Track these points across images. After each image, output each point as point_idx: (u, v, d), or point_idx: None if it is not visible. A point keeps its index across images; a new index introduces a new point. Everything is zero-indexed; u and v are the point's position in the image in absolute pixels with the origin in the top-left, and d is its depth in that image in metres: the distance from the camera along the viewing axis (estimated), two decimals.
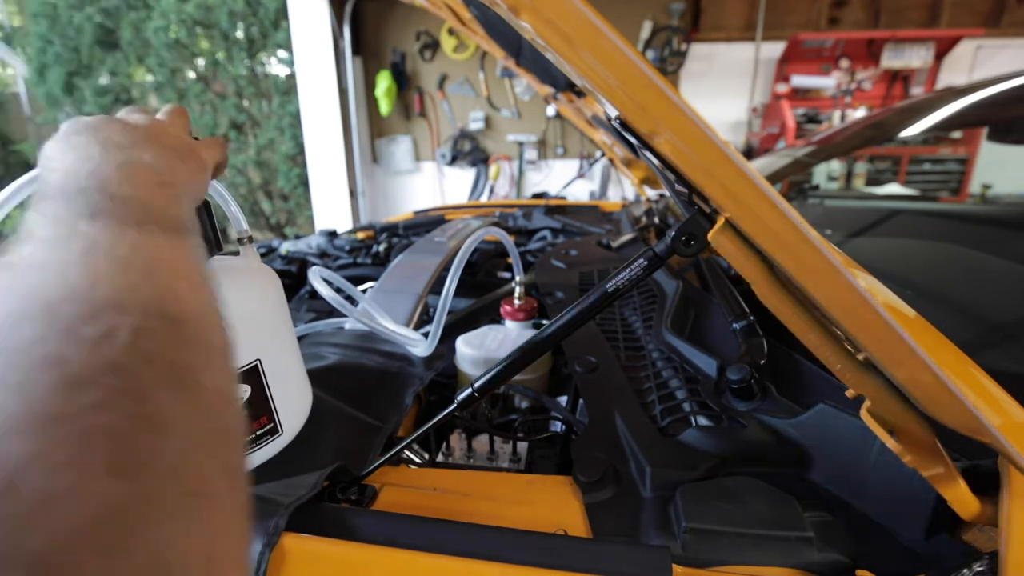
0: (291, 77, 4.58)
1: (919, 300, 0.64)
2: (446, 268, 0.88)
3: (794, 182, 1.31)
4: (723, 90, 4.22)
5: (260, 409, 0.44)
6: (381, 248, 1.14)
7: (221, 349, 0.21)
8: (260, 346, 0.43)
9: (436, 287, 0.79)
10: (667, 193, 1.25)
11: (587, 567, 0.33)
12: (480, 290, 0.94)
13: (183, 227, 0.25)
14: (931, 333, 0.33)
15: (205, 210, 0.41)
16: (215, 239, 0.42)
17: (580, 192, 4.42)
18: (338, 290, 0.63)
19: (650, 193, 1.42)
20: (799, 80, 3.92)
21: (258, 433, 0.44)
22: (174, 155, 0.29)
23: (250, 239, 0.48)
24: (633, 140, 0.35)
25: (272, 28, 4.51)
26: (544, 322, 0.71)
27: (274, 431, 0.45)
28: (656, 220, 1.21)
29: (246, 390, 0.42)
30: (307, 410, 0.50)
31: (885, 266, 0.75)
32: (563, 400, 0.64)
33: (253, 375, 0.42)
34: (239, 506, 0.17)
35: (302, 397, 0.50)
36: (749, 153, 3.96)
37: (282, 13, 4.42)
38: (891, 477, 0.39)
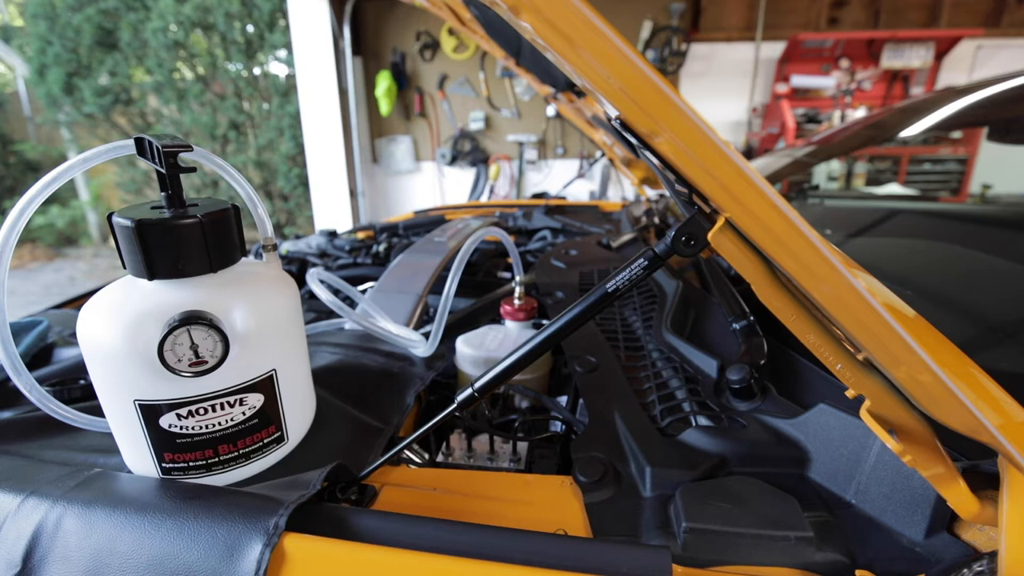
0: (291, 77, 4.59)
1: (919, 300, 0.64)
2: (446, 268, 0.88)
3: (794, 182, 1.31)
4: (723, 90, 4.22)
5: (270, 418, 0.43)
6: (381, 248, 1.14)
7: None
8: (277, 355, 0.43)
9: (436, 287, 0.79)
10: (667, 193, 1.25)
11: (587, 567, 0.33)
12: (480, 290, 0.94)
13: None
14: (931, 333, 0.33)
15: (234, 213, 0.41)
16: (239, 243, 0.42)
17: (580, 192, 4.42)
18: (337, 292, 0.63)
19: (650, 193, 1.42)
20: (799, 80, 3.92)
21: (265, 441, 0.44)
22: None
23: (274, 246, 0.47)
24: (633, 140, 0.35)
25: (267, 29, 4.52)
26: (544, 322, 0.71)
27: (280, 440, 0.45)
28: (656, 220, 1.21)
29: (259, 399, 0.42)
30: (311, 417, 0.50)
31: (885, 266, 0.75)
32: (563, 400, 0.64)
33: (268, 384, 0.42)
34: None
35: (308, 404, 0.50)
36: (749, 153, 3.96)
37: (278, 14, 4.43)
38: (891, 477, 0.39)
